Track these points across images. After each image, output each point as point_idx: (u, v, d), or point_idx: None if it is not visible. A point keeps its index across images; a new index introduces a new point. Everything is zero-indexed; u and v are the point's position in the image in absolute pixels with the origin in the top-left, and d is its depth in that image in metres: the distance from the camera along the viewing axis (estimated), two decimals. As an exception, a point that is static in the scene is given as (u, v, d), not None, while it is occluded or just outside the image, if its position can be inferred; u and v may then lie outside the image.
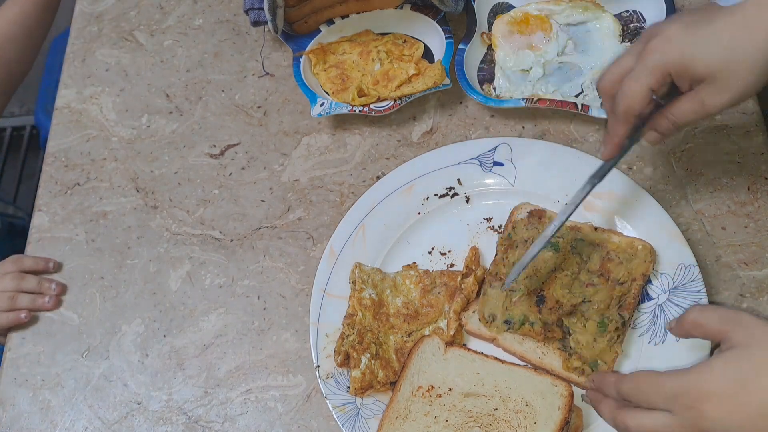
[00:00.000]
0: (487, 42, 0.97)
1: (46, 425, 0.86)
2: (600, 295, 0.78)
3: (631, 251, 0.80)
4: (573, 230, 0.82)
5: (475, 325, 0.80)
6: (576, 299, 0.78)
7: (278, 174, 0.96)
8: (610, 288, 0.78)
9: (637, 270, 0.79)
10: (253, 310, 0.89)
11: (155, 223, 0.96)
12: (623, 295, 0.78)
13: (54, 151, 1.03)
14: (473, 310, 0.81)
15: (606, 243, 0.81)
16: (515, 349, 0.79)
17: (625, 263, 0.79)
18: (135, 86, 1.06)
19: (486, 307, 0.80)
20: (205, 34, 1.09)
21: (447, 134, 0.95)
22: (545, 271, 0.79)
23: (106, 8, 1.13)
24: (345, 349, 0.79)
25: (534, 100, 0.90)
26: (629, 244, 0.80)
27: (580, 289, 0.78)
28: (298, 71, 0.97)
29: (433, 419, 0.75)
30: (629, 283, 0.78)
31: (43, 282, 0.92)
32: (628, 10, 0.96)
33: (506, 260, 0.81)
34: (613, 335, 0.76)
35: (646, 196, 0.83)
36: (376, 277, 0.84)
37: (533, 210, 0.84)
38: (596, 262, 0.80)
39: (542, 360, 0.78)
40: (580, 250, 0.80)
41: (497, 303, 0.80)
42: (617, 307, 0.77)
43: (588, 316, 0.77)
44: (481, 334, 0.80)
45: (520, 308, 0.78)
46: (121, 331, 0.90)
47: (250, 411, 0.84)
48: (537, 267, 0.79)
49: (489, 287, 0.81)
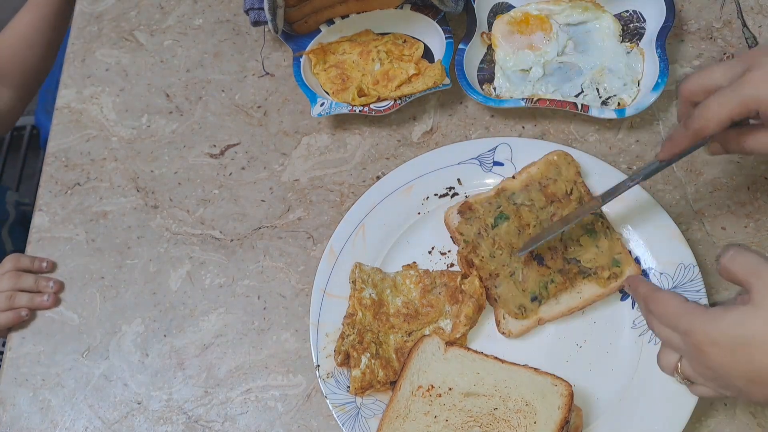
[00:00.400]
0: (487, 42, 0.97)
1: (46, 425, 0.86)
2: (564, 214, 0.83)
3: (553, 167, 0.85)
4: (500, 193, 0.85)
5: (516, 325, 0.81)
6: (556, 238, 0.82)
7: (278, 174, 0.96)
8: (566, 204, 0.83)
9: (570, 174, 0.84)
10: (253, 310, 0.89)
11: (155, 223, 0.96)
12: (580, 198, 0.83)
13: (54, 151, 1.03)
14: (503, 316, 0.81)
15: (531, 179, 0.85)
16: (561, 310, 0.81)
17: (558, 178, 0.84)
18: (135, 86, 1.06)
19: (510, 305, 0.81)
20: (205, 34, 1.09)
21: (447, 134, 0.95)
22: (515, 238, 0.82)
23: (106, 8, 1.13)
24: (345, 348, 0.80)
25: (534, 100, 0.90)
26: (547, 163, 0.85)
27: (550, 227, 0.82)
28: (298, 71, 0.97)
29: (433, 419, 0.75)
30: (573, 187, 0.83)
31: (41, 280, 0.92)
32: (628, 10, 0.96)
33: (484, 258, 0.82)
34: (602, 230, 0.82)
35: (646, 196, 0.83)
36: (376, 276, 0.84)
37: (460, 207, 0.85)
38: (539, 197, 0.84)
39: (585, 297, 0.80)
40: (521, 202, 0.84)
41: (515, 294, 0.81)
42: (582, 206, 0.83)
43: (575, 236, 0.82)
44: (526, 327, 0.81)
45: (533, 279, 0.80)
46: (121, 331, 0.90)
47: (250, 411, 0.84)
48: (507, 242, 0.82)
49: (495, 289, 0.81)
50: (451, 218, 0.85)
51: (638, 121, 0.92)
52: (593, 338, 0.80)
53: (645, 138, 0.91)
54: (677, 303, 0.63)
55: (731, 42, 0.94)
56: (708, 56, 0.93)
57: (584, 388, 0.77)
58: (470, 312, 0.81)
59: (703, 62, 0.93)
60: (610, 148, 0.91)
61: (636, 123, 0.92)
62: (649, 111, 0.91)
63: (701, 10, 0.97)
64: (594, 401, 0.77)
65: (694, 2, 0.98)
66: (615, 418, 0.75)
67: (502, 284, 0.81)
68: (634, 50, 0.93)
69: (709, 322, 0.59)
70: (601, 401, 0.77)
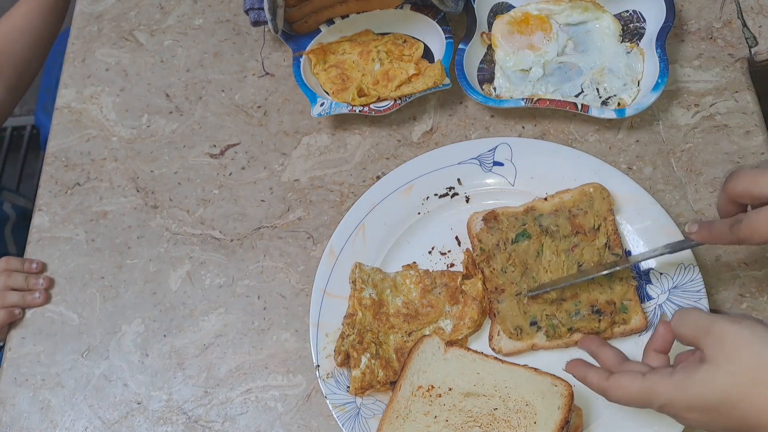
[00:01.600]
0: (487, 42, 0.97)
1: (46, 425, 0.86)
2: (588, 250, 0.81)
3: (587, 198, 0.83)
4: (529, 212, 0.84)
5: (509, 344, 0.80)
6: (573, 269, 0.81)
7: (278, 174, 0.96)
8: (591, 239, 0.81)
9: (602, 209, 0.82)
10: (253, 310, 0.89)
11: (155, 223, 0.96)
12: (607, 239, 0.81)
13: (54, 151, 1.03)
14: (497, 332, 0.81)
15: (563, 205, 0.83)
16: (557, 343, 0.79)
17: (589, 210, 0.82)
18: (135, 86, 1.06)
19: (508, 323, 0.80)
20: (205, 34, 1.09)
21: (447, 134, 0.95)
22: (532, 260, 0.81)
23: (106, 8, 1.13)
24: (345, 348, 0.80)
25: (534, 100, 0.90)
26: (581, 193, 0.84)
27: (569, 258, 0.81)
28: (298, 71, 0.97)
29: (433, 419, 0.75)
30: (602, 223, 0.82)
31: (30, 278, 0.93)
32: (628, 10, 0.96)
33: (495, 270, 0.82)
34: (620, 274, 0.80)
35: (646, 196, 0.83)
36: (376, 276, 0.84)
37: (486, 215, 0.84)
38: (566, 226, 0.82)
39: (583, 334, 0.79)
40: (546, 225, 0.83)
41: (515, 314, 0.80)
42: (606, 250, 0.81)
43: (591, 272, 0.80)
44: (518, 349, 0.80)
45: (537, 305, 0.80)
46: (121, 330, 0.90)
47: (250, 411, 0.84)
48: (523, 261, 0.81)
49: (498, 304, 0.81)
50: (474, 223, 0.85)
51: (638, 121, 0.92)
52: (593, 338, 0.80)
53: (645, 138, 0.91)
54: (636, 383, 0.63)
55: (731, 42, 0.94)
56: (708, 56, 0.93)
57: (584, 388, 0.77)
58: (475, 315, 0.81)
59: (702, 63, 0.93)
60: (610, 148, 0.91)
61: (636, 123, 0.92)
62: (649, 111, 0.91)
63: (701, 10, 0.97)
64: (594, 401, 0.77)
65: (694, 2, 0.97)
66: (615, 418, 0.75)
67: (505, 301, 0.81)
68: (634, 50, 0.93)
69: (678, 390, 0.60)
70: (601, 401, 0.76)
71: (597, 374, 0.66)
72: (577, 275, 0.80)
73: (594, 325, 0.78)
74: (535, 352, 0.80)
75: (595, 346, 0.72)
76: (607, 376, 0.65)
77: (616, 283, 0.80)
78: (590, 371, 0.68)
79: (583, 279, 0.79)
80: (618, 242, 0.81)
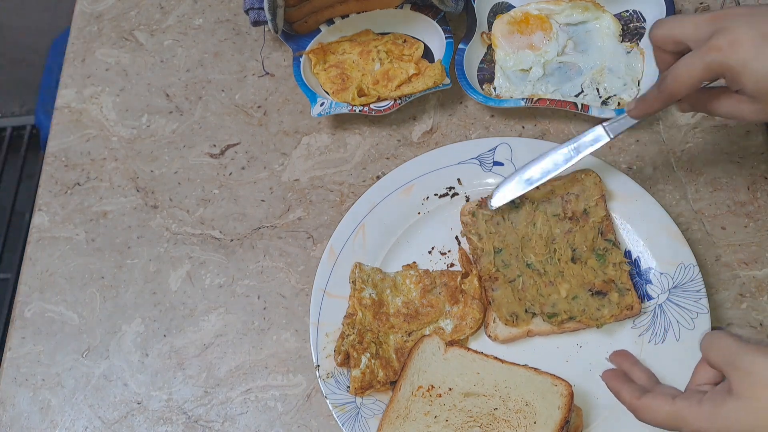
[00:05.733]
0: (487, 42, 0.97)
1: (46, 425, 0.86)
2: (579, 235, 0.82)
3: (579, 183, 0.84)
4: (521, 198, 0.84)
5: (504, 330, 0.80)
6: (567, 254, 0.81)
7: (278, 174, 0.96)
8: (583, 224, 0.82)
9: (593, 194, 0.83)
10: (253, 310, 0.89)
11: (155, 223, 0.96)
12: (599, 223, 0.82)
13: (54, 151, 1.03)
14: (493, 319, 0.81)
15: (555, 190, 0.84)
16: (553, 328, 0.80)
17: (581, 195, 0.83)
18: (135, 86, 1.06)
19: (503, 310, 0.80)
20: (205, 34, 1.09)
21: (447, 134, 0.95)
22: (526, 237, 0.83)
23: (106, 8, 1.13)
24: (345, 348, 0.80)
25: (534, 99, 0.90)
26: (573, 178, 0.84)
27: (564, 243, 0.82)
28: (298, 71, 0.97)
29: (433, 419, 0.75)
30: (594, 208, 0.82)
31: None
32: (628, 10, 0.96)
33: (485, 255, 0.82)
34: (613, 259, 0.81)
35: (646, 196, 0.83)
36: (376, 276, 0.84)
37: (480, 200, 0.85)
38: (558, 210, 0.83)
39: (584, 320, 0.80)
40: (539, 208, 0.84)
41: (510, 300, 0.80)
42: (599, 235, 0.82)
43: (584, 258, 0.81)
44: (514, 335, 0.80)
45: (531, 291, 0.80)
46: (121, 330, 0.90)
47: (250, 411, 0.84)
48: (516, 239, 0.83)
49: (492, 291, 0.81)
50: (467, 209, 0.86)
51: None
52: (593, 338, 0.80)
53: (645, 138, 0.91)
54: (665, 408, 0.62)
55: (731, 42, 0.94)
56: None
57: (584, 388, 0.77)
58: (477, 314, 0.81)
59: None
60: (610, 148, 0.91)
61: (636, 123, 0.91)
62: (649, 111, 0.91)
63: (701, 10, 0.97)
64: (594, 401, 0.77)
65: (694, 2, 0.97)
66: (615, 418, 0.75)
67: (499, 288, 0.81)
68: (634, 50, 0.93)
69: (706, 422, 0.59)
70: (601, 401, 0.77)
71: (630, 392, 0.65)
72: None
73: (595, 311, 0.79)
74: (534, 347, 0.80)
75: (628, 365, 0.70)
76: (639, 396, 0.64)
77: (609, 267, 0.80)
78: (625, 387, 0.66)
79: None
80: (610, 227, 0.82)
